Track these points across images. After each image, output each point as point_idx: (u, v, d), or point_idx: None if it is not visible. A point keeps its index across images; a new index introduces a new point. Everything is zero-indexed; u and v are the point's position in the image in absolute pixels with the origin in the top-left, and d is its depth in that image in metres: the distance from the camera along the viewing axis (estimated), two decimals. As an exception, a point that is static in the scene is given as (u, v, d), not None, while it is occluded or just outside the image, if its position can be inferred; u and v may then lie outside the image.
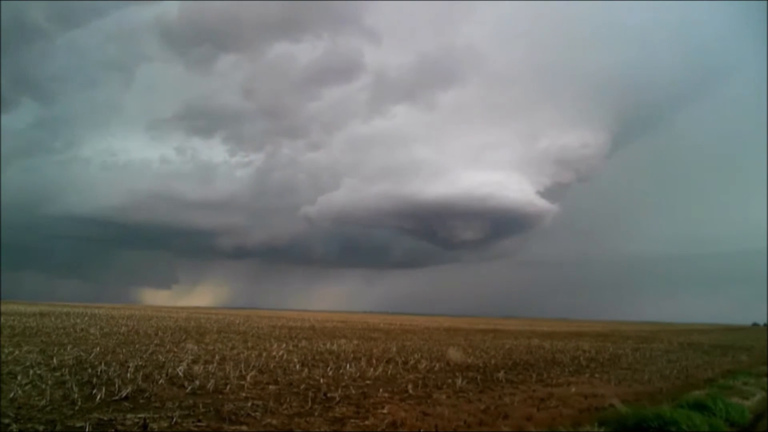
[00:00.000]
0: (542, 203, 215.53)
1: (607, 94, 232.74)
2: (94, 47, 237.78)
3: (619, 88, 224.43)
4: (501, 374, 11.35)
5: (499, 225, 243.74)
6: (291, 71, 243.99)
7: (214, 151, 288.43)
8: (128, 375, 8.87)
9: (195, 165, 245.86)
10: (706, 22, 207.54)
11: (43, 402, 6.60)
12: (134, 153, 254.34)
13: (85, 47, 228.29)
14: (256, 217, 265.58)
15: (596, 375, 12.45)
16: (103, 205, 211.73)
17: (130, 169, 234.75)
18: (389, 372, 10.93)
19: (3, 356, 10.75)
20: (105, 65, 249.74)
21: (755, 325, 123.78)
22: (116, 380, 8.30)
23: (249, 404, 7.05)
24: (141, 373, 9.05)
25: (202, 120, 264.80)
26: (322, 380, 9.37)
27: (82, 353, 11.92)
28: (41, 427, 5.52)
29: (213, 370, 9.94)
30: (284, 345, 16.73)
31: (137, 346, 14.43)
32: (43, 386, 7.59)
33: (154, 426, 5.78)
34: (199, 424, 5.98)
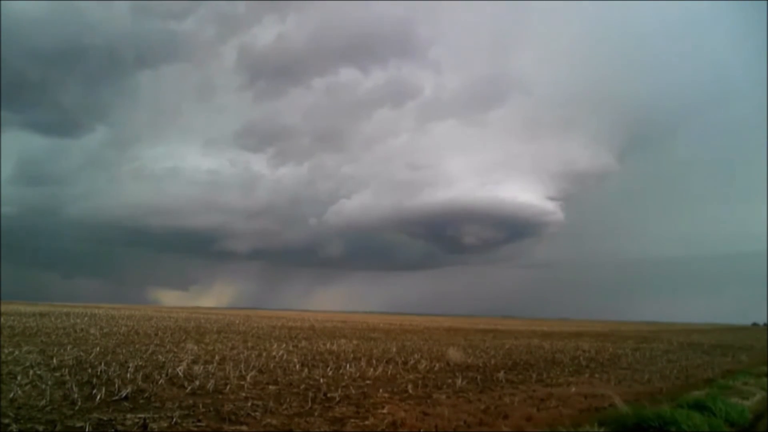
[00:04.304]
0: (549, 210, 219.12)
1: (621, 109, 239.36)
2: (174, 79, 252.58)
3: (631, 102, 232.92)
4: (501, 374, 11.35)
5: (507, 230, 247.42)
6: (352, 96, 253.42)
7: (261, 164, 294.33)
8: (128, 375, 8.87)
9: (239, 176, 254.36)
10: (710, 38, 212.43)
11: (43, 402, 6.60)
12: (185, 163, 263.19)
13: (165, 79, 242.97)
14: (275, 223, 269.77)
15: (596, 375, 12.45)
16: (139, 213, 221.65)
17: (179, 178, 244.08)
18: (389, 372, 10.93)
19: (3, 356, 10.74)
20: (182, 94, 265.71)
21: (755, 325, 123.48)
22: (116, 380, 8.30)
23: (249, 404, 7.05)
24: (141, 373, 9.05)
25: (257, 138, 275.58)
26: (322, 380, 9.37)
27: (82, 353, 11.92)
28: (41, 427, 5.51)
29: (213, 370, 9.94)
30: (284, 345, 16.72)
31: (137, 346, 14.43)
32: (43, 386, 7.59)
33: (154, 426, 5.78)
34: (199, 424, 5.98)
